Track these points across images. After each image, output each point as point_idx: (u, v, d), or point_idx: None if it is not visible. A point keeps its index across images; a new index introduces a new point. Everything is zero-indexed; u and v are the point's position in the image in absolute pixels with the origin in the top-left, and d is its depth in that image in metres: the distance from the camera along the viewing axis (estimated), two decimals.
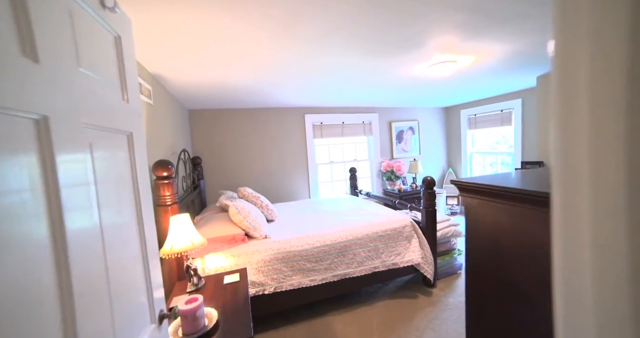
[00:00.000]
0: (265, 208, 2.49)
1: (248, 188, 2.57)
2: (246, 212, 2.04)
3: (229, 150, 3.54)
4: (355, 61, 2.00)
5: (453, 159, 4.84)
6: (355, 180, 3.77)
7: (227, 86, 2.44)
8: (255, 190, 3.53)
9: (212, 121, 3.45)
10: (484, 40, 1.71)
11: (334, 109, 4.02)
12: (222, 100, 3.03)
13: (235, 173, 3.58)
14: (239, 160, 3.59)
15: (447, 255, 2.61)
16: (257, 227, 2.04)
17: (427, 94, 3.56)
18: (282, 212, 2.86)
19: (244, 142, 3.60)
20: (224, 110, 3.49)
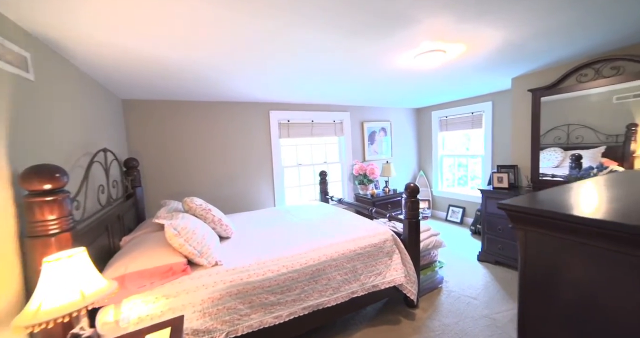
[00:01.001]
0: (219, 224, 2.00)
1: (197, 199, 2.05)
2: (189, 232, 1.54)
3: (177, 151, 2.94)
4: (330, 44, 1.63)
5: (424, 161, 4.74)
6: (325, 185, 3.41)
7: (165, 69, 1.90)
8: (209, 199, 2.99)
9: (156, 115, 2.83)
10: (479, 23, 1.45)
11: (302, 106, 3.62)
12: (167, 89, 2.45)
13: (184, 178, 2.99)
14: (189, 163, 3.00)
15: (428, 269, 2.37)
16: (204, 252, 1.56)
17: (401, 94, 3.34)
18: (241, 226, 2.38)
19: (196, 142, 3.02)
20: (171, 103, 2.89)
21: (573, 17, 1.48)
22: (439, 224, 4.19)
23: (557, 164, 2.53)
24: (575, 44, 1.92)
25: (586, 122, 2.34)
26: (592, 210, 0.64)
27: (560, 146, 2.50)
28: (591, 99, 2.29)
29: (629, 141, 2.10)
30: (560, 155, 2.51)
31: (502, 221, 2.63)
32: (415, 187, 1.99)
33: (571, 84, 2.39)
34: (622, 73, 2.11)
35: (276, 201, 3.52)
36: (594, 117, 2.28)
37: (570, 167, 2.42)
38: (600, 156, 2.27)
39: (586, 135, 2.33)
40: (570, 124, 2.43)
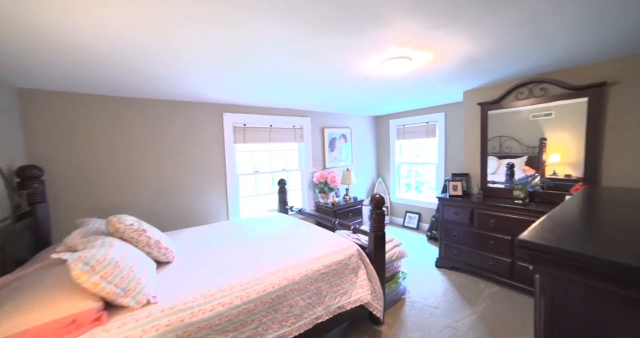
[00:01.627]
0: (156, 247, 1.64)
1: (127, 217, 1.66)
2: (109, 265, 1.19)
3: (104, 157, 2.44)
4: (292, 43, 1.45)
5: (382, 169, 4.83)
6: (284, 194, 3.19)
7: (86, 56, 1.52)
8: (147, 214, 2.55)
9: (72, 111, 2.30)
10: (448, 31, 1.42)
11: (260, 109, 3.37)
12: (89, 79, 2.00)
13: (113, 190, 2.48)
14: (121, 172, 2.51)
15: (392, 281, 2.30)
16: (131, 289, 1.22)
17: (363, 101, 3.32)
18: (186, 246, 2.02)
19: (130, 146, 2.55)
20: (95, 97, 2.39)
21: (522, 38, 1.54)
22: (396, 230, 4.26)
23: (494, 171, 2.79)
24: (519, 63, 2.06)
25: (513, 135, 2.64)
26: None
27: (495, 155, 2.78)
28: (517, 115, 2.60)
29: (542, 152, 2.47)
30: (496, 163, 2.78)
31: (458, 227, 2.73)
32: (381, 198, 1.90)
33: (511, 100, 2.61)
34: (545, 94, 2.38)
35: (230, 213, 3.18)
36: (518, 131, 2.60)
37: (506, 174, 2.69)
38: (524, 164, 2.59)
39: (513, 146, 2.65)
40: (502, 136, 2.71)
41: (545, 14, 1.28)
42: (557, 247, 0.53)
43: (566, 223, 0.64)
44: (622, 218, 0.72)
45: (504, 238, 2.38)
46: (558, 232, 0.60)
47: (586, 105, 2.18)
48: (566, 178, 2.35)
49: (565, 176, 2.36)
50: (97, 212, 2.35)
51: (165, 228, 2.67)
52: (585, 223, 0.65)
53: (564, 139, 2.36)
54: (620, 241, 0.56)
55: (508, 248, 2.37)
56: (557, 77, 2.31)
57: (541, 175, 2.47)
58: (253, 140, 3.33)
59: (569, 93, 2.26)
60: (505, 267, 2.40)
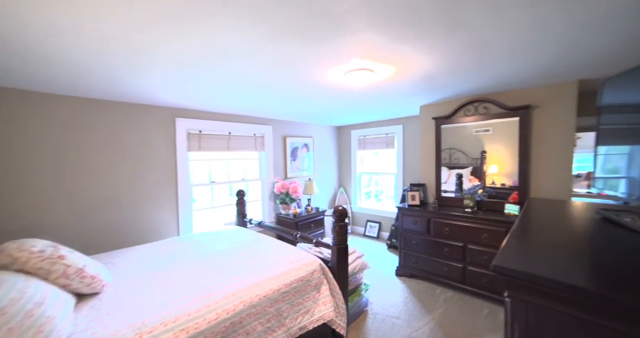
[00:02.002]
0: (77, 278, 1.37)
1: (34, 242, 1.37)
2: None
3: (18, 164, 2.02)
4: (254, 47, 1.37)
5: (344, 178, 4.87)
6: (243, 206, 3.00)
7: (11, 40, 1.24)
8: (78, 233, 2.19)
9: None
10: (412, 46, 1.47)
11: (218, 115, 3.16)
12: (14, 72, 1.66)
13: (31, 205, 2.07)
14: (42, 183, 2.11)
15: (354, 294, 2.26)
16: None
17: (325, 110, 3.33)
18: (124, 269, 1.74)
19: (56, 152, 2.16)
20: (13, 91, 1.99)
21: (473, 60, 1.67)
22: (358, 240, 4.29)
23: (445, 181, 3.00)
24: (469, 83, 2.24)
25: (460, 148, 2.88)
26: None
27: (446, 166, 3.00)
28: (464, 130, 2.86)
29: (483, 164, 2.74)
30: (447, 173, 2.99)
31: (416, 236, 2.82)
32: (344, 210, 1.87)
33: (460, 116, 2.84)
34: (486, 112, 2.66)
35: (181, 228, 2.88)
36: (464, 144, 2.86)
37: (456, 184, 2.90)
38: (469, 174, 2.83)
39: (461, 158, 2.89)
40: (452, 148, 2.94)
41: (491, 41, 1.39)
42: (531, 273, 0.50)
43: (533, 246, 0.65)
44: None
45: (457, 245, 2.52)
46: (529, 256, 0.60)
47: (518, 124, 2.47)
48: (502, 187, 2.61)
49: (502, 185, 2.63)
50: (24, 232, 1.94)
51: (102, 248, 2.31)
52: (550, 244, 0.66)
53: (500, 151, 2.63)
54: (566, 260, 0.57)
55: (461, 255, 2.51)
56: (496, 98, 2.58)
57: (483, 184, 2.71)
58: (209, 148, 3.10)
59: (505, 112, 2.53)
60: (458, 272, 2.53)
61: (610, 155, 1.00)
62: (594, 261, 0.53)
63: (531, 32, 1.32)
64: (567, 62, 1.77)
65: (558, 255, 0.57)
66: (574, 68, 1.90)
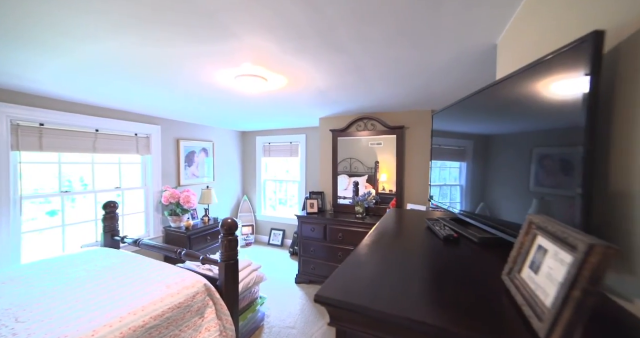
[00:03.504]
0: None
1: None
2: None
3: None
4: (122, 30, 1.12)
5: (248, 186, 4.67)
6: (114, 222, 2.42)
7: None
8: None
9: None
10: (300, 59, 1.51)
11: (77, 106, 2.48)
12: None
13: None
14: None
15: (248, 310, 2.13)
16: None
17: (224, 114, 3.11)
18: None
19: None
20: None
21: (355, 80, 1.87)
22: (262, 249, 4.16)
23: (346, 187, 3.27)
24: (356, 101, 2.51)
25: (358, 157, 3.20)
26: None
27: (346, 174, 3.28)
28: (360, 142, 3.21)
29: (376, 172, 3.14)
30: (347, 180, 3.27)
31: (314, 243, 2.92)
32: (233, 222, 1.74)
33: (353, 130, 3.16)
34: (374, 129, 3.07)
35: (3, 259, 2.07)
36: (362, 155, 3.20)
37: (353, 191, 3.20)
38: (365, 182, 3.18)
39: (359, 167, 3.21)
40: (351, 158, 3.23)
41: (366, 66, 1.58)
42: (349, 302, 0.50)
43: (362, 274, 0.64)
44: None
45: (349, 249, 2.74)
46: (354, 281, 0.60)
47: (395, 140, 2.94)
48: (390, 192, 3.03)
49: (390, 191, 3.05)
50: None
51: None
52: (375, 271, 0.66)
53: (389, 162, 3.06)
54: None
55: None
56: (380, 117, 2.99)
57: (376, 191, 3.07)
58: (60, 148, 2.39)
59: (387, 130, 2.97)
60: None
61: (437, 168, 1.30)
62: (415, 284, 0.60)
63: (395, 65, 1.57)
64: (423, 94, 2.21)
65: (385, 277, 0.63)
66: (427, 100, 2.41)
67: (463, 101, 1.02)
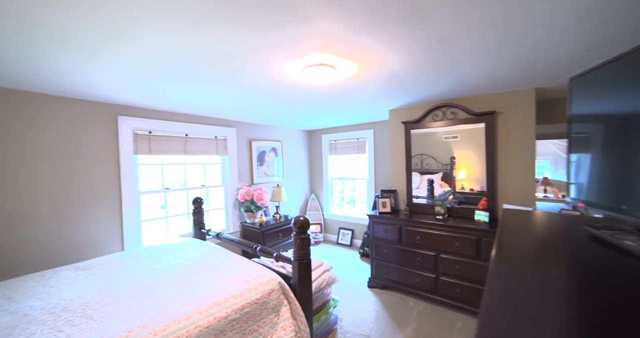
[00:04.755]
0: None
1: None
2: None
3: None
4: (195, 27, 1.15)
5: (315, 184, 4.69)
6: (201, 216, 2.69)
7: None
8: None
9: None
10: (375, 38, 1.33)
11: (173, 115, 2.85)
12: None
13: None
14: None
15: (321, 312, 2.05)
16: None
17: (291, 113, 3.14)
18: (19, 303, 1.39)
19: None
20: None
21: (437, 59, 1.58)
22: (330, 248, 4.10)
23: (417, 186, 2.93)
24: (435, 86, 2.17)
25: (431, 153, 2.84)
26: None
27: (417, 171, 2.94)
28: (434, 136, 2.82)
29: (452, 169, 2.71)
30: (419, 178, 2.93)
31: (388, 245, 2.69)
32: (305, 220, 1.67)
33: (429, 121, 2.79)
34: (454, 117, 2.63)
35: (126, 242, 2.49)
36: (435, 150, 2.82)
37: (428, 190, 2.84)
38: (440, 180, 2.78)
39: (432, 164, 2.83)
40: (423, 154, 2.89)
41: (454, 35, 1.29)
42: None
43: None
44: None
45: (429, 254, 2.41)
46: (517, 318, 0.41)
47: (484, 130, 2.45)
48: (471, 192, 2.58)
49: (471, 190, 2.59)
50: None
51: (16, 273, 1.90)
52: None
53: (468, 157, 2.61)
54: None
55: (432, 264, 2.40)
56: (462, 103, 2.55)
57: (453, 190, 2.65)
58: (162, 150, 2.76)
59: (471, 118, 2.51)
60: (431, 283, 2.42)
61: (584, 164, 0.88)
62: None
63: (491, 30, 1.24)
64: (524, 68, 1.75)
65: (550, 312, 0.41)
66: (529, 76, 1.92)
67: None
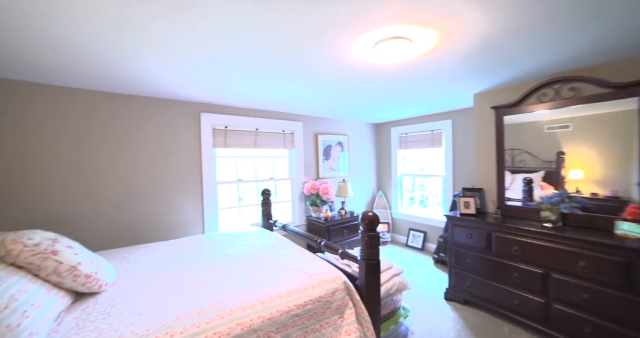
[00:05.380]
0: (69, 276, 1.24)
1: (34, 235, 1.28)
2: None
3: (48, 156, 2.07)
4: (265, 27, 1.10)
5: (383, 181, 4.40)
6: (269, 207, 2.77)
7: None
8: (105, 227, 2.18)
9: (10, 101, 1.96)
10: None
11: (244, 111, 3.02)
12: (32, 63, 1.67)
13: (59, 197, 2.10)
14: (70, 176, 2.14)
15: (389, 321, 1.83)
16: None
17: (358, 104, 2.96)
18: (134, 268, 1.62)
19: (82, 146, 2.19)
20: (55, 89, 2.05)
21: (555, 12, 1.16)
22: (399, 250, 3.78)
23: (508, 186, 2.41)
24: (549, 52, 1.67)
25: (527, 148, 2.30)
26: None
27: (507, 169, 2.42)
28: (531, 127, 2.26)
29: (560, 168, 2.11)
30: (510, 178, 2.41)
31: (472, 253, 2.26)
32: (375, 216, 1.48)
33: (530, 104, 2.22)
34: (575, 94, 1.99)
35: (206, 226, 2.76)
36: (532, 144, 2.27)
37: (524, 191, 2.30)
38: (541, 180, 2.23)
39: (527, 160, 2.30)
40: (514, 149, 2.36)
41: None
42: None
43: None
44: None
45: (532, 271, 1.90)
46: None
47: (637, 108, 1.76)
48: (595, 197, 1.93)
49: (593, 194, 1.95)
50: (43, 223, 1.98)
51: (129, 242, 2.33)
52: None
53: (587, 152, 1.97)
54: None
55: (539, 285, 1.87)
56: (592, 74, 1.91)
57: (566, 192, 2.03)
58: (235, 144, 2.96)
59: (608, 93, 1.85)
60: (537, 309, 1.89)
61: None
62: None
63: None
64: None
65: None
66: None
67: None
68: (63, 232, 2.01)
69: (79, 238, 2.00)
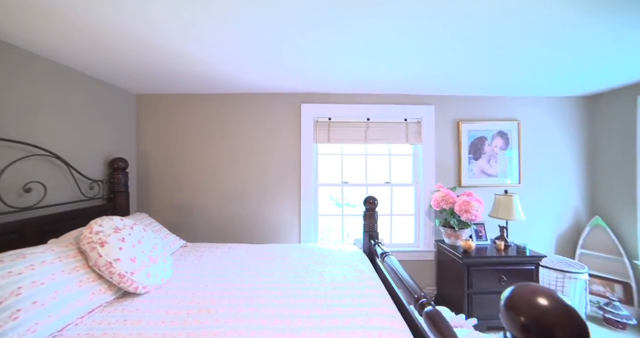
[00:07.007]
0: (106, 271, 1.18)
1: (108, 222, 1.33)
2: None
3: (180, 153, 2.44)
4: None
5: (606, 198, 2.42)
6: (373, 221, 2.03)
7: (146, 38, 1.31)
8: (209, 221, 2.34)
9: (160, 110, 2.43)
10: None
11: (352, 97, 2.45)
12: (165, 79, 1.96)
13: (188, 188, 2.43)
14: (193, 170, 2.44)
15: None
16: None
17: (549, 62, 1.60)
18: (197, 267, 1.54)
19: (201, 143, 2.43)
20: (174, 96, 2.44)
21: None
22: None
23: None
24: None
25: None
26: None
27: None
28: None
29: None
30: None
31: None
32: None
33: None
34: None
35: (302, 235, 2.42)
36: None
37: None
38: None
39: None
40: None
41: None
42: None
43: None
44: None
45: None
46: None
47: None
48: None
49: None
50: (176, 208, 2.38)
51: (224, 239, 2.37)
52: None
53: None
54: None
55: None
56: None
57: None
58: (341, 139, 2.45)
59: None
60: None
61: None
62: None
63: None
64: None
65: None
66: None
67: None
68: (187, 219, 2.33)
69: (190, 226, 2.24)
